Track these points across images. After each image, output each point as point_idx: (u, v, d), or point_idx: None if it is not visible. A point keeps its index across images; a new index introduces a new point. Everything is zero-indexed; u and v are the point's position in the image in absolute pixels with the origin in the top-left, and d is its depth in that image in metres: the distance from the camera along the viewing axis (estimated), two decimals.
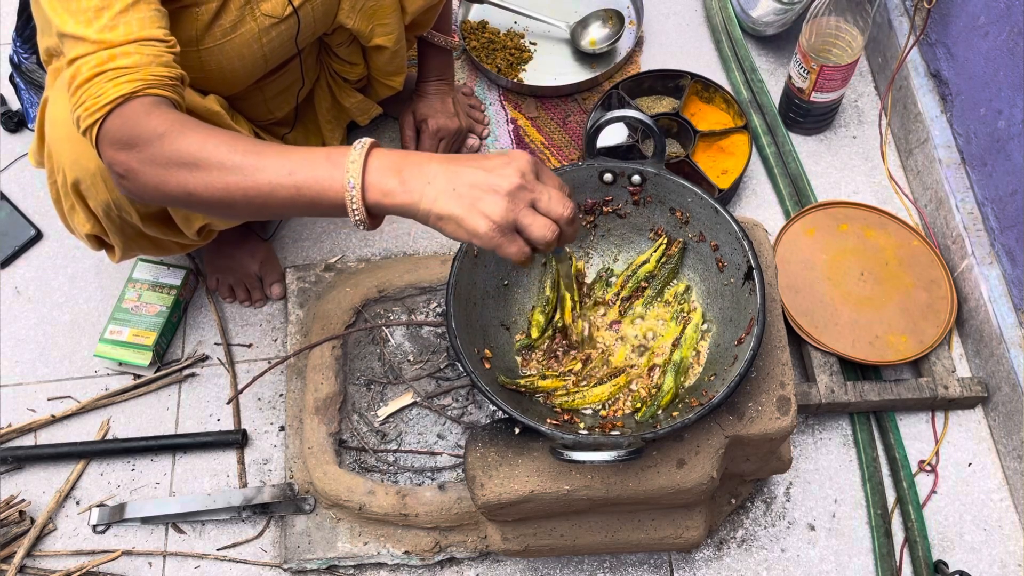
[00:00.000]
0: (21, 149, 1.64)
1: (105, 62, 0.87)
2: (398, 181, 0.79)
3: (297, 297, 1.41)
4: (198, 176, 0.83)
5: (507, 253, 0.79)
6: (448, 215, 0.78)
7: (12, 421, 1.39)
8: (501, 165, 0.79)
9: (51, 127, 1.05)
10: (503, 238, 0.78)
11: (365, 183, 0.79)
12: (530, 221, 0.79)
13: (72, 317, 1.48)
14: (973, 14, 1.34)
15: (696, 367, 1.07)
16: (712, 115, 1.57)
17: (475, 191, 0.78)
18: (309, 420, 1.28)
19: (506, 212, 0.77)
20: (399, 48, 1.29)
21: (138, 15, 0.89)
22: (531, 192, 0.79)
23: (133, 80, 0.87)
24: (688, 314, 1.10)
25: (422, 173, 0.79)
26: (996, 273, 1.33)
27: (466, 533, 1.23)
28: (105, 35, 0.87)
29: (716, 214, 1.06)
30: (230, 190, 0.83)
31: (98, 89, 0.86)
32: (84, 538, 1.31)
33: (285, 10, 1.11)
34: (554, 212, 0.80)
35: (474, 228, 0.78)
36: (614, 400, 1.05)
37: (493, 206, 0.77)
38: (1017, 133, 1.25)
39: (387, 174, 0.79)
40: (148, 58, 0.89)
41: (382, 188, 0.79)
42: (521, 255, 0.80)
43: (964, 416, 1.35)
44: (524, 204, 0.79)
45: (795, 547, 1.27)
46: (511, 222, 0.78)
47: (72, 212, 1.13)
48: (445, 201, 0.78)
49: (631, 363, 1.08)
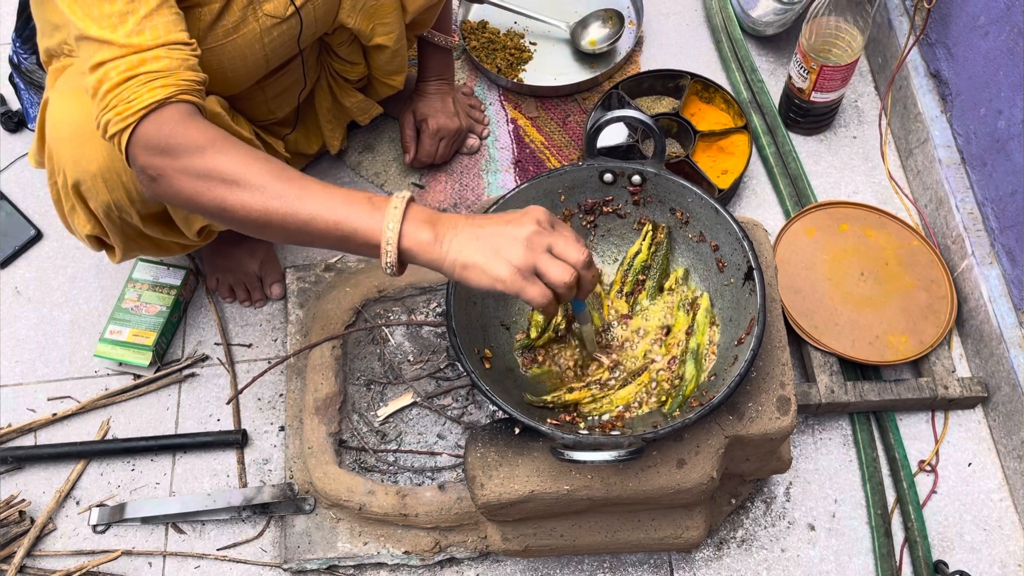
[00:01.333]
0: (21, 149, 1.64)
1: (136, 66, 0.88)
2: (431, 234, 0.85)
3: (297, 297, 1.41)
4: (237, 194, 0.86)
5: (530, 296, 0.84)
6: (472, 263, 0.84)
7: (12, 421, 1.39)
8: (519, 216, 0.86)
9: (52, 128, 1.05)
10: (524, 281, 0.84)
11: (403, 230, 0.85)
12: (547, 264, 0.85)
13: (72, 317, 1.48)
14: (973, 14, 1.34)
15: (711, 355, 1.07)
16: (712, 115, 1.57)
17: (496, 239, 0.85)
18: (309, 420, 1.28)
19: (525, 256, 0.84)
20: (400, 47, 1.29)
21: (163, 19, 0.90)
22: (547, 238, 0.86)
23: (167, 85, 0.88)
24: (696, 301, 1.10)
25: (452, 227, 0.86)
26: (996, 273, 1.33)
27: (466, 533, 1.23)
28: (133, 39, 0.88)
29: (716, 214, 1.06)
30: (269, 214, 0.86)
31: (130, 94, 0.87)
32: (84, 538, 1.31)
33: (287, 10, 1.11)
34: (570, 256, 0.86)
35: (497, 273, 0.84)
36: (638, 403, 1.06)
37: (513, 251, 0.84)
38: (1017, 133, 1.25)
39: (423, 226, 0.86)
40: (177, 62, 0.90)
41: (417, 238, 0.85)
42: (543, 298, 0.85)
43: (964, 416, 1.35)
44: (541, 249, 0.85)
45: (795, 547, 1.27)
46: (531, 265, 0.84)
47: (72, 213, 1.13)
48: (470, 251, 0.84)
49: (651, 359, 1.08)
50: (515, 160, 1.60)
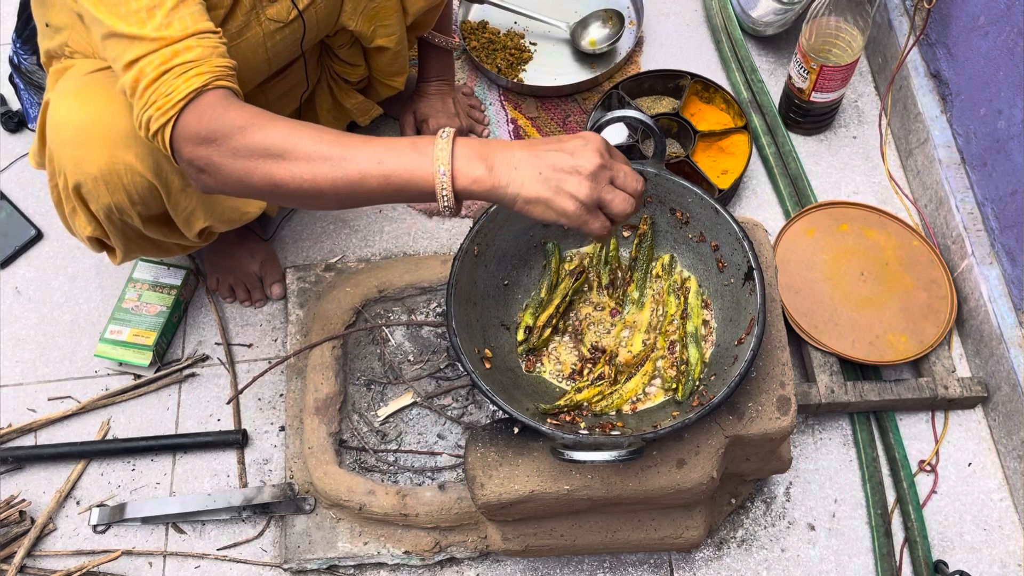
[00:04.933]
0: (21, 149, 1.64)
1: (170, 59, 0.87)
2: (485, 168, 0.83)
3: (297, 297, 1.41)
4: (284, 167, 0.85)
5: (591, 229, 0.84)
6: (536, 198, 0.82)
7: (12, 421, 1.39)
8: (581, 147, 0.84)
9: (53, 130, 1.05)
10: (589, 215, 0.83)
11: (455, 170, 0.83)
12: (611, 197, 0.84)
13: (72, 317, 1.48)
14: (973, 14, 1.34)
15: (709, 338, 1.07)
16: (712, 115, 1.57)
17: (560, 174, 0.82)
18: (309, 420, 1.28)
19: (591, 191, 0.83)
20: (401, 49, 1.29)
21: (189, 10, 0.90)
22: (610, 171, 0.84)
23: (202, 73, 0.88)
24: (684, 284, 1.11)
25: (507, 159, 0.83)
26: (996, 273, 1.33)
27: (466, 533, 1.23)
28: (163, 32, 0.88)
29: (716, 214, 1.06)
30: (318, 180, 0.85)
31: (168, 87, 0.87)
32: (84, 538, 1.31)
33: (290, 14, 1.11)
34: (630, 187, 0.86)
35: (563, 208, 0.82)
36: (646, 392, 1.06)
37: (579, 187, 0.82)
38: (1017, 133, 1.25)
39: (475, 161, 0.83)
40: (208, 50, 0.89)
41: (471, 175, 0.83)
42: (604, 229, 0.85)
43: (964, 416, 1.35)
44: (605, 182, 0.84)
45: (795, 547, 1.27)
46: (595, 200, 0.83)
47: (73, 215, 1.13)
48: (532, 185, 0.82)
49: (650, 348, 1.09)
50: None
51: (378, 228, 1.53)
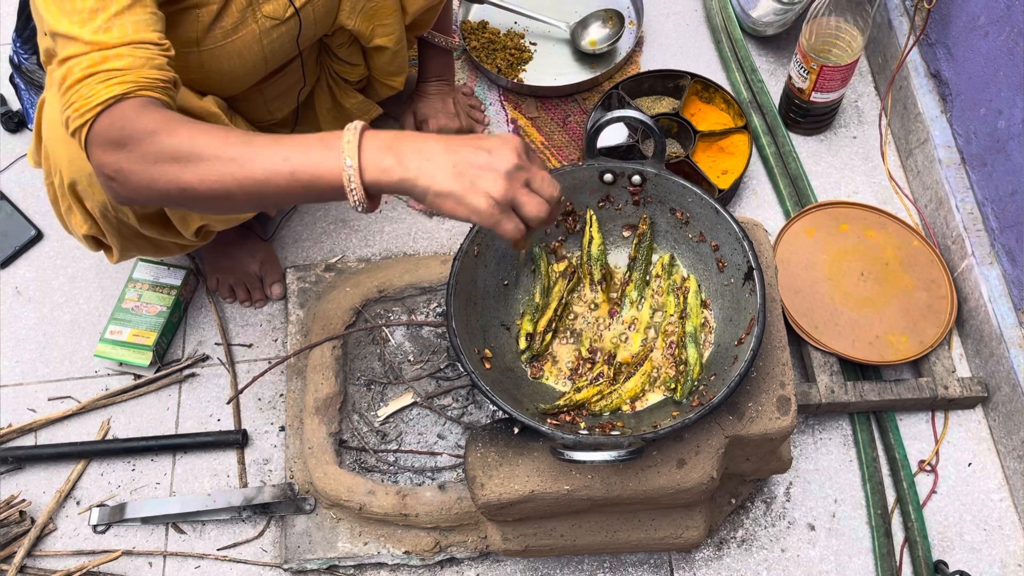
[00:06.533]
0: (21, 149, 1.64)
1: (98, 63, 0.86)
2: (395, 159, 0.80)
3: (297, 297, 1.41)
4: (191, 169, 0.83)
5: (504, 230, 0.82)
6: (448, 192, 0.80)
7: (12, 421, 1.39)
8: (499, 146, 0.82)
9: (48, 128, 1.05)
10: (502, 215, 0.81)
11: (362, 163, 0.80)
12: (526, 200, 0.82)
13: (72, 317, 1.48)
14: (973, 14, 1.34)
15: (708, 338, 1.07)
16: (712, 115, 1.57)
17: (474, 170, 0.80)
18: (309, 420, 1.28)
19: (505, 191, 0.80)
20: (400, 48, 1.29)
21: (133, 18, 0.89)
22: (526, 172, 0.82)
23: (124, 82, 0.86)
24: (684, 284, 1.11)
25: (419, 151, 0.81)
26: (996, 273, 1.33)
27: (466, 533, 1.23)
28: (99, 36, 0.87)
29: (716, 214, 1.06)
30: (224, 181, 0.83)
31: (89, 91, 0.86)
32: (84, 538, 1.31)
33: (286, 11, 1.11)
34: (546, 191, 0.83)
35: (475, 205, 0.80)
36: (644, 392, 1.06)
37: (493, 184, 0.80)
38: (1017, 133, 1.25)
39: (383, 152, 0.81)
40: (141, 60, 0.88)
41: (379, 166, 0.80)
42: (517, 232, 0.82)
43: (964, 416, 1.35)
44: (520, 183, 0.82)
45: (795, 547, 1.27)
46: (509, 200, 0.81)
47: (69, 213, 1.12)
48: (444, 178, 0.80)
49: (649, 347, 1.09)
50: None
51: (378, 228, 1.53)
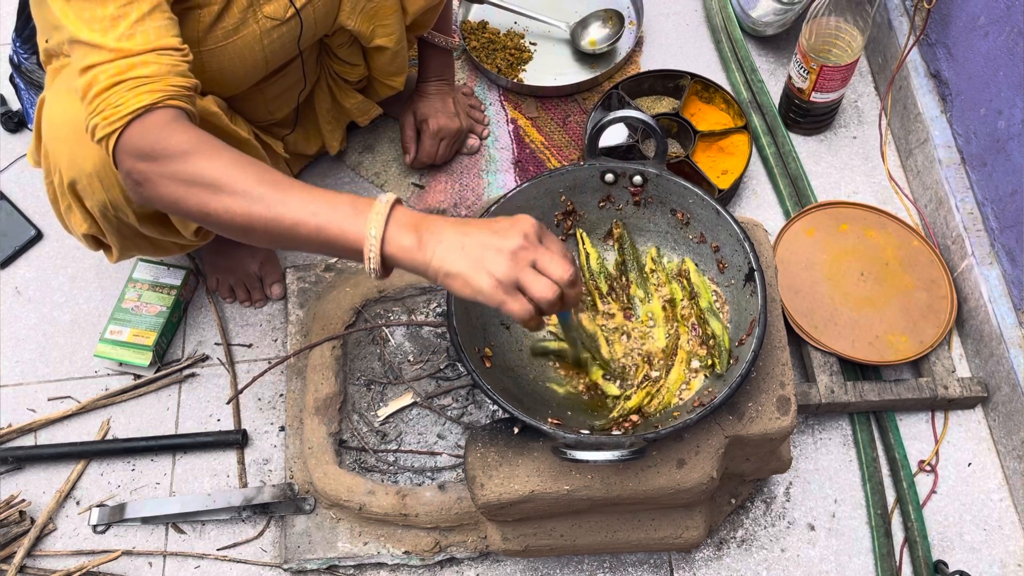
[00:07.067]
0: (21, 149, 1.64)
1: (124, 71, 0.87)
2: (415, 239, 0.83)
3: (297, 297, 1.41)
4: (220, 199, 0.85)
5: (511, 310, 0.82)
6: (455, 272, 0.82)
7: (12, 421, 1.39)
8: (507, 227, 0.83)
9: (48, 127, 1.05)
10: (506, 295, 0.82)
11: (386, 235, 0.83)
12: (531, 280, 0.82)
13: (72, 317, 1.48)
14: (973, 14, 1.34)
15: (723, 304, 1.08)
16: (712, 115, 1.57)
17: (480, 250, 0.82)
18: (309, 420, 1.28)
19: (508, 270, 0.81)
20: (400, 49, 1.29)
21: (154, 24, 0.90)
22: (533, 253, 0.83)
23: (154, 91, 0.88)
24: (682, 268, 1.11)
25: (436, 232, 0.83)
26: (996, 273, 1.33)
27: (466, 533, 1.23)
28: (123, 44, 0.88)
29: (717, 216, 1.06)
30: (250, 218, 0.85)
31: (117, 99, 0.87)
32: (84, 538, 1.31)
33: (287, 12, 1.11)
34: (554, 273, 0.83)
35: (478, 284, 0.81)
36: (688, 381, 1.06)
37: (496, 264, 0.81)
38: (1017, 133, 1.25)
39: (406, 230, 0.83)
40: (166, 67, 0.89)
41: (400, 244, 0.83)
42: (524, 312, 0.82)
43: (964, 416, 1.35)
44: (525, 264, 0.82)
45: (795, 547, 1.27)
46: (513, 280, 0.82)
47: (69, 212, 1.12)
48: (453, 259, 0.82)
49: (675, 337, 1.09)
50: (515, 160, 1.60)
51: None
